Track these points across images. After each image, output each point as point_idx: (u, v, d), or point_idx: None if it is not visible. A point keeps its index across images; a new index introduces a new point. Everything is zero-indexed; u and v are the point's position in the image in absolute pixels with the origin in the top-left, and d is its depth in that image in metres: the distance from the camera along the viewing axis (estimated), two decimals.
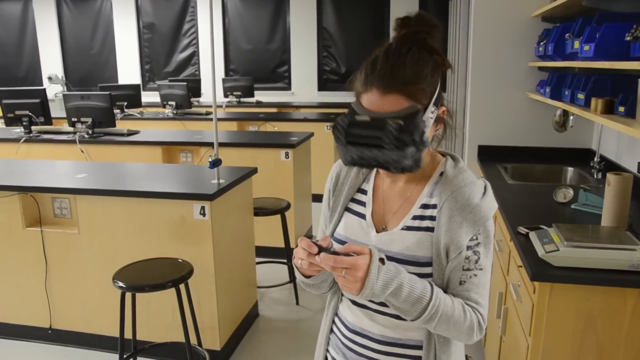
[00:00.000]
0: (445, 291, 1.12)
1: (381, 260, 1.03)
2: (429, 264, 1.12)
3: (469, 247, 1.10)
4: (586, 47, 2.22)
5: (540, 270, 1.73)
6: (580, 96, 2.56)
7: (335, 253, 1.01)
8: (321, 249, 1.03)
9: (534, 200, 2.60)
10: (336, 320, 1.31)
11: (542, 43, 3.15)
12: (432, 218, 1.14)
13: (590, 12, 2.62)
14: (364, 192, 1.26)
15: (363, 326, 1.22)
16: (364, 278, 1.00)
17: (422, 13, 1.12)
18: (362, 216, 1.23)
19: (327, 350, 1.34)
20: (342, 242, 1.23)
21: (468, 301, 1.11)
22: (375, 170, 1.27)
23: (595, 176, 3.06)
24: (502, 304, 2.37)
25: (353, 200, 1.27)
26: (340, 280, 1.01)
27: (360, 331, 1.22)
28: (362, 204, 1.25)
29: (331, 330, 1.33)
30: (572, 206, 2.42)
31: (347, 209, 1.27)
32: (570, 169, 3.32)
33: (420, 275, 1.11)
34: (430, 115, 1.08)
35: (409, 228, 1.15)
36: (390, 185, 1.23)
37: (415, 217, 1.16)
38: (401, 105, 1.05)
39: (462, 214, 1.09)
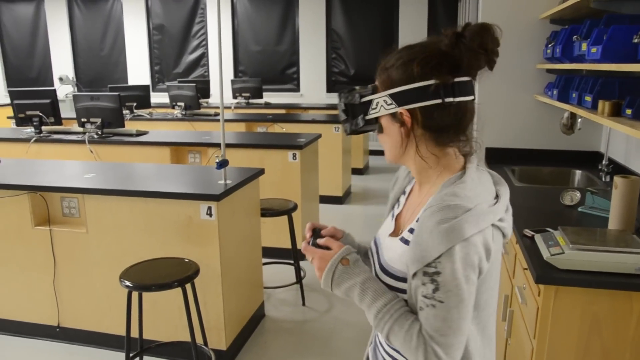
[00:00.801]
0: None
1: (345, 260, 1.13)
2: (404, 279, 1.10)
3: (425, 273, 1.02)
4: (593, 49, 2.21)
5: (545, 273, 1.73)
6: (588, 98, 2.54)
7: (317, 245, 1.18)
8: (317, 236, 1.20)
9: (541, 203, 2.59)
10: None
11: (550, 45, 3.14)
12: None
13: (598, 14, 2.60)
14: (405, 194, 1.29)
15: None
16: (322, 270, 1.15)
17: (479, 27, 1.07)
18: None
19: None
20: (376, 243, 1.26)
21: (426, 331, 1.04)
22: None
23: (603, 179, 3.04)
24: (508, 306, 2.36)
25: (398, 201, 1.30)
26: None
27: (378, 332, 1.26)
28: (399, 206, 1.28)
29: None
30: (579, 209, 2.41)
31: (392, 209, 1.31)
32: (578, 172, 3.30)
33: (395, 289, 1.12)
34: (383, 103, 1.10)
35: (402, 239, 1.14)
36: (416, 190, 1.22)
37: (411, 230, 1.13)
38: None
39: (423, 235, 1.03)
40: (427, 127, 1.09)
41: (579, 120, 3.22)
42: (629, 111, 2.13)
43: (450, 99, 1.06)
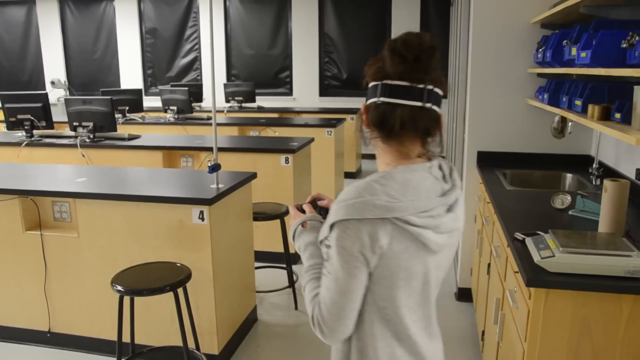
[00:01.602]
0: None
1: (306, 223, 1.34)
2: None
3: (325, 245, 1.20)
4: (583, 54, 2.23)
5: (536, 276, 1.74)
6: (578, 102, 2.56)
7: (301, 207, 1.41)
8: (314, 203, 1.43)
9: (531, 206, 2.60)
10: None
11: (540, 49, 3.16)
12: None
13: (588, 19, 2.63)
14: None
15: None
16: (290, 226, 1.38)
17: (401, 35, 1.18)
18: None
19: None
20: None
21: (319, 296, 1.19)
22: None
23: (593, 182, 3.06)
24: (499, 309, 2.37)
25: None
26: None
27: None
28: None
29: None
30: (570, 212, 2.43)
31: None
32: (569, 175, 3.33)
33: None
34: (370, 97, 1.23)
35: None
36: None
37: None
38: None
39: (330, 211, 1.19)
40: (369, 123, 1.21)
41: (570, 124, 3.25)
42: (618, 115, 2.15)
43: (382, 99, 1.17)
